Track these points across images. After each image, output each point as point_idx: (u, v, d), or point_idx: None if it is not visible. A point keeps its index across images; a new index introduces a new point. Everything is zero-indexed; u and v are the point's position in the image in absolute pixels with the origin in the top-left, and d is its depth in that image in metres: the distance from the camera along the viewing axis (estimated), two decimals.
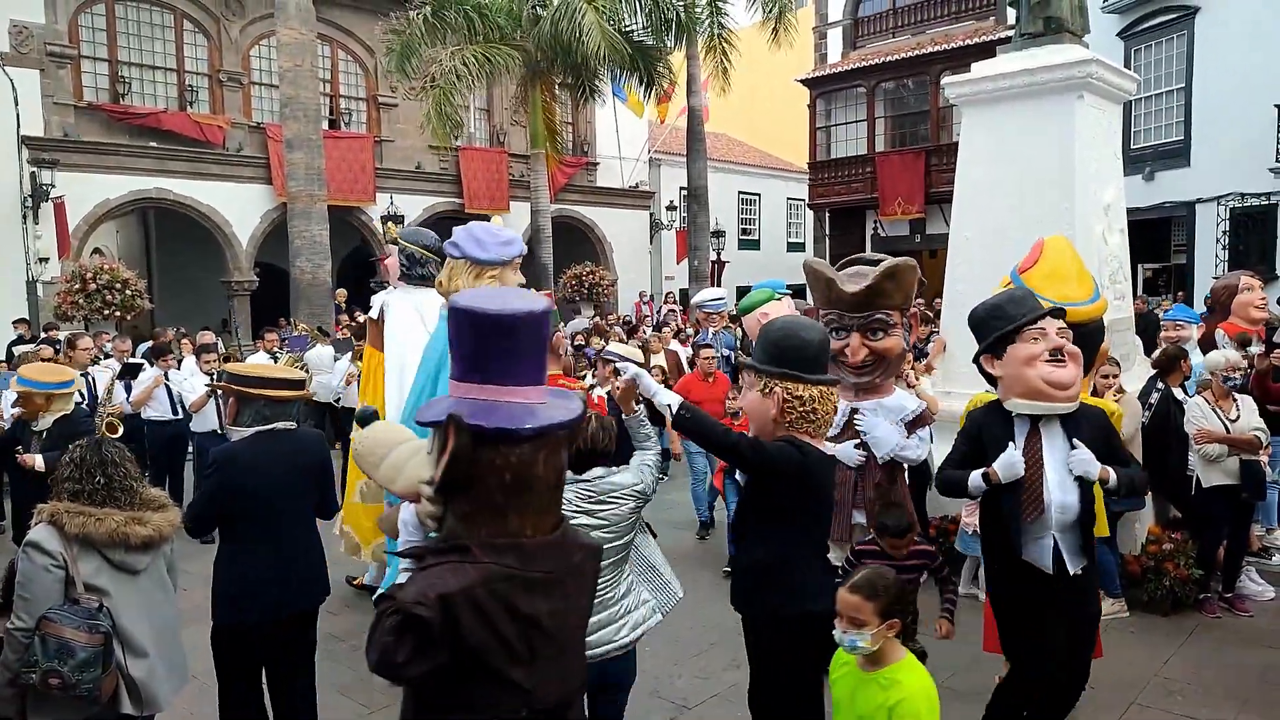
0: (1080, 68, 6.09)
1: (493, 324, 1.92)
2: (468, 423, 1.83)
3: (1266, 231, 15.73)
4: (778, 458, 2.93)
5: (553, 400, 1.99)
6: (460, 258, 4.44)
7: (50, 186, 14.97)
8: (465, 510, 1.88)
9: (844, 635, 2.56)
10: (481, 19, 16.25)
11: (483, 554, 1.83)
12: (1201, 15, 16.26)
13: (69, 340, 8.13)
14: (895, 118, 22.37)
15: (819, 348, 3.09)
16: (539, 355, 1.97)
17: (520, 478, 1.87)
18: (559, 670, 1.94)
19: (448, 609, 1.75)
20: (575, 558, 2.00)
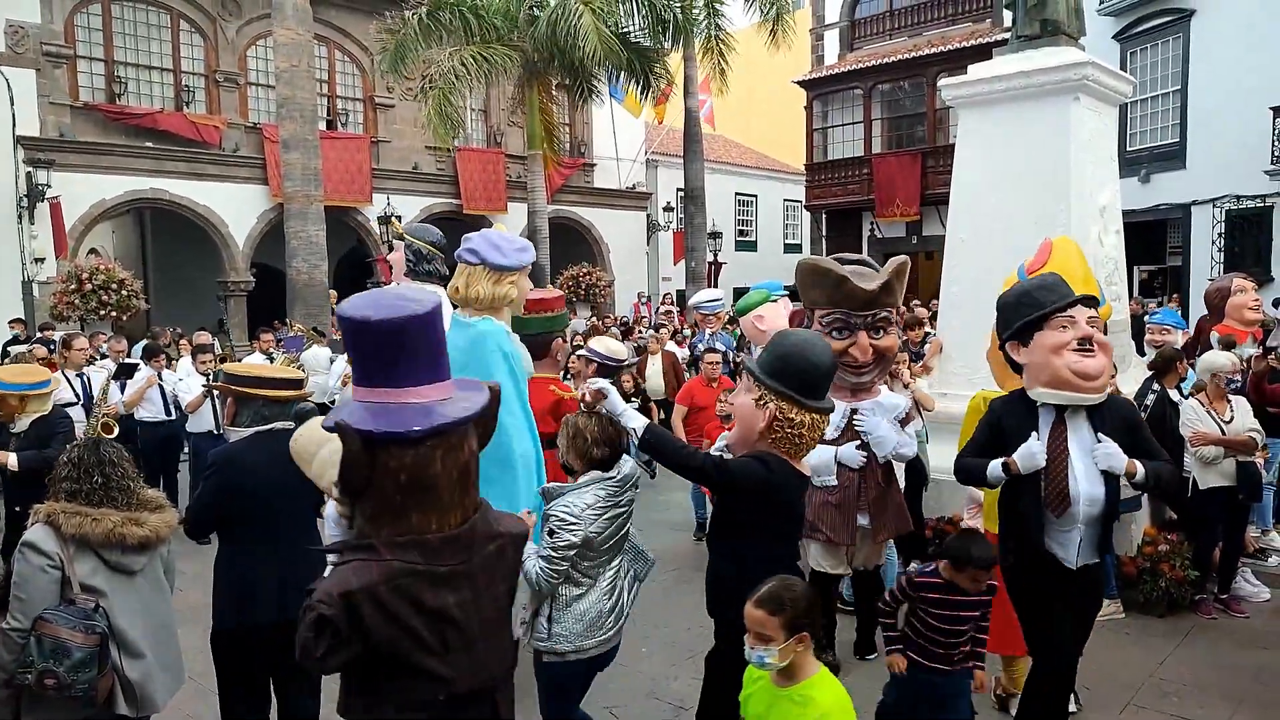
0: (1076, 70, 6.10)
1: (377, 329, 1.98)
2: (355, 428, 1.91)
3: (1262, 233, 15.78)
4: (740, 475, 2.93)
5: (458, 394, 2.05)
6: (479, 264, 4.46)
7: (46, 186, 14.94)
8: (369, 511, 1.97)
9: (751, 651, 2.44)
10: (478, 20, 16.24)
11: (386, 552, 1.92)
12: (1197, 18, 16.31)
13: (64, 340, 8.10)
14: (892, 119, 22.40)
15: (825, 374, 3.03)
16: (431, 354, 2.03)
17: (416, 478, 1.94)
18: (476, 658, 2.03)
19: (350, 606, 1.86)
20: (488, 548, 2.08)
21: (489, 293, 4.41)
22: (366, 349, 2.03)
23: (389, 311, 1.99)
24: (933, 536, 6.05)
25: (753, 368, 3.06)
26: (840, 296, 4.61)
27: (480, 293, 4.42)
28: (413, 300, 2.04)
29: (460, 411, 2.01)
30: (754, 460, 2.94)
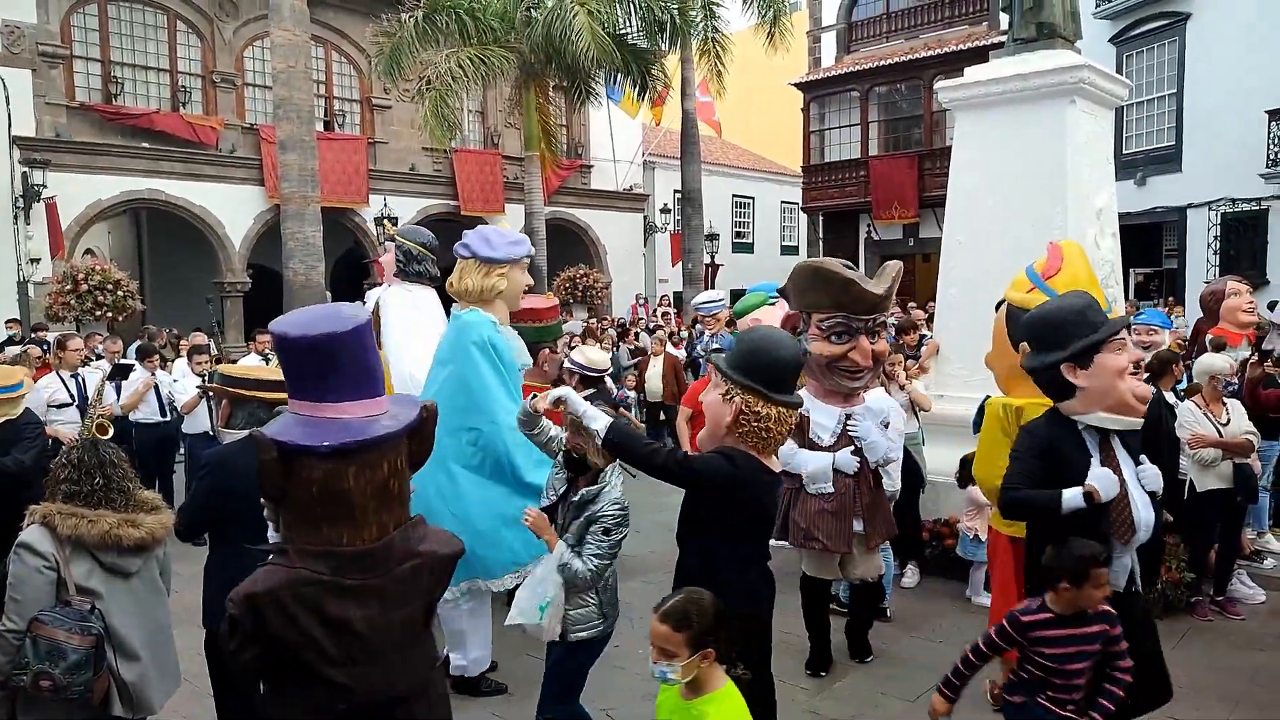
0: (1072, 73, 6.12)
1: (298, 346, 2.06)
2: (271, 438, 1.98)
3: (1257, 236, 15.82)
4: (704, 472, 2.93)
5: (390, 411, 2.11)
6: (469, 257, 4.48)
7: (42, 187, 14.91)
8: (287, 518, 2.05)
9: (654, 666, 2.38)
10: (474, 22, 16.23)
11: (297, 559, 2.00)
12: (1193, 21, 16.36)
13: (59, 341, 8.07)
14: (889, 122, 22.44)
15: (790, 367, 3.05)
16: (356, 371, 2.08)
17: (329, 491, 1.99)
18: (381, 672, 2.06)
19: (253, 608, 1.94)
20: (404, 566, 2.10)
21: (478, 285, 4.45)
22: (292, 364, 2.10)
23: (309, 329, 2.06)
24: (929, 539, 6.06)
25: (719, 362, 3.07)
26: (846, 300, 4.53)
27: (470, 285, 4.46)
28: (338, 318, 2.10)
29: (378, 430, 2.04)
30: (719, 456, 2.94)
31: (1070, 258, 4.22)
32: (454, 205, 20.89)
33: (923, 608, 5.55)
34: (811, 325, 4.64)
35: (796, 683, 4.56)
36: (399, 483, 2.12)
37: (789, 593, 5.77)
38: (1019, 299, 4.16)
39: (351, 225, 19.54)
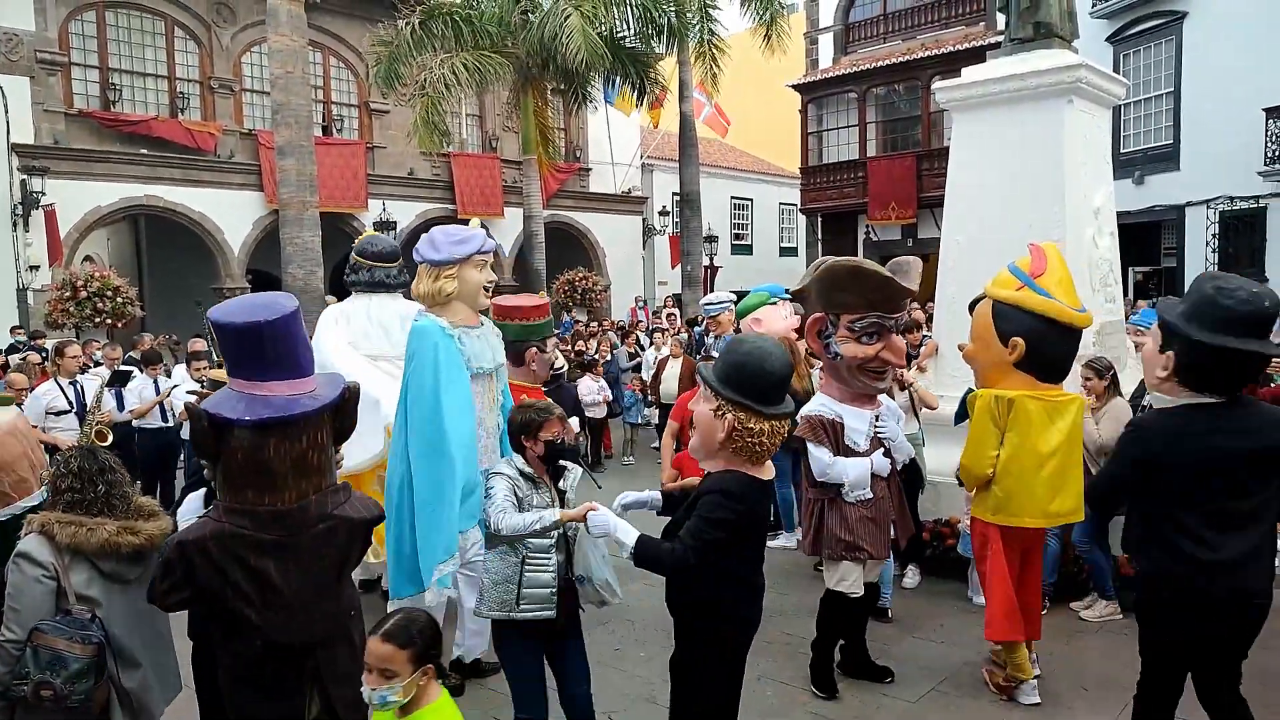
0: (1070, 72, 6.12)
1: (231, 331, 2.38)
2: (203, 409, 2.35)
3: (1255, 234, 15.83)
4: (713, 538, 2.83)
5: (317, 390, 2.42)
6: (421, 262, 4.50)
7: (41, 194, 14.92)
8: (219, 478, 2.41)
9: (372, 692, 2.27)
10: (469, 27, 16.24)
11: (222, 515, 2.37)
12: (1189, 20, 16.37)
13: (57, 348, 8.07)
14: (887, 123, 22.45)
15: (780, 379, 2.96)
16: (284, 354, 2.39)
17: (250, 459, 2.33)
18: (294, 618, 2.39)
19: (184, 554, 2.31)
20: (318, 527, 2.43)
21: (428, 289, 4.47)
22: (229, 346, 2.42)
23: (243, 316, 2.38)
24: (930, 539, 6.05)
25: (708, 377, 2.97)
26: (880, 299, 4.34)
27: (422, 290, 4.49)
28: (269, 307, 2.39)
29: (297, 407, 2.36)
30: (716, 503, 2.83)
31: (1054, 258, 4.33)
32: (453, 209, 20.90)
33: (924, 609, 5.54)
34: (840, 328, 4.38)
35: (797, 685, 4.55)
36: (318, 454, 2.44)
37: (791, 593, 5.78)
38: (1010, 296, 4.25)
39: (350, 230, 19.51)
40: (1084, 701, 4.38)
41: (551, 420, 3.42)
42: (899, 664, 4.65)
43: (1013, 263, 4.41)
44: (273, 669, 2.41)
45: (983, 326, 4.39)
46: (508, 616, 3.37)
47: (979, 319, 4.46)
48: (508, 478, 3.39)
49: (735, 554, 2.94)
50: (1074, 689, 4.49)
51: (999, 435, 4.21)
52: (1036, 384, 4.22)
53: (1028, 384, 4.22)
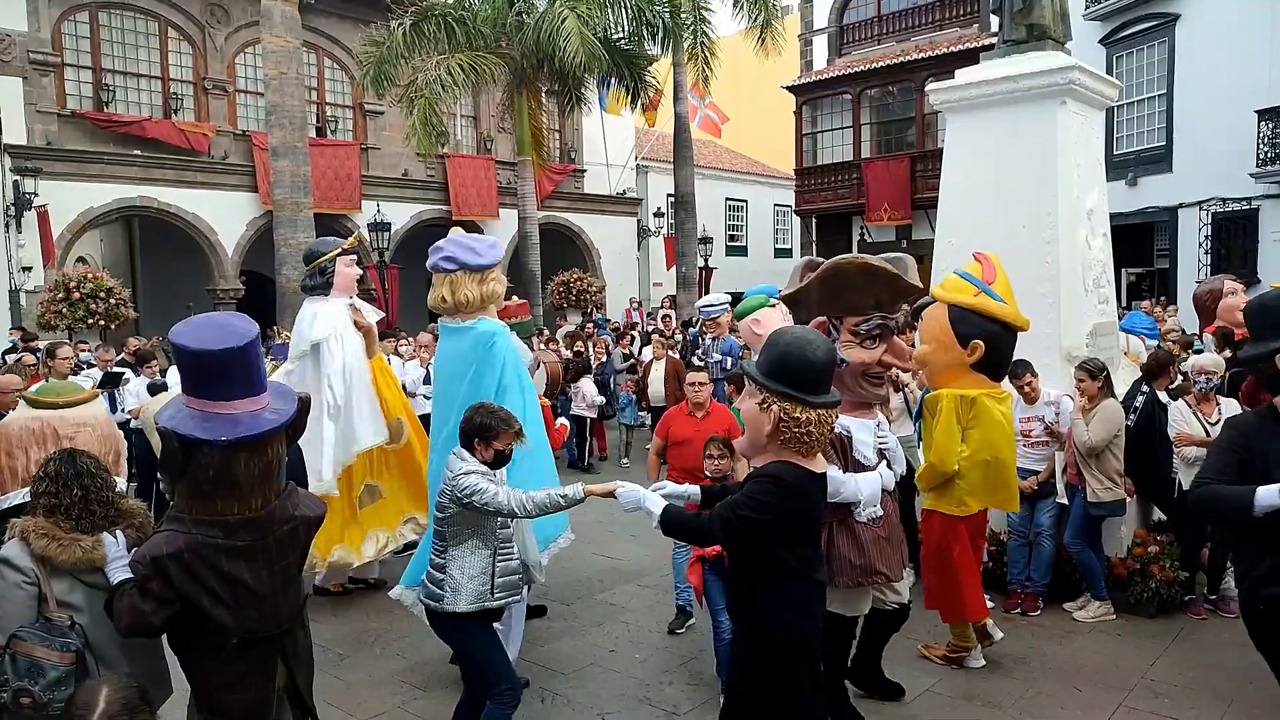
0: (1063, 74, 6.14)
1: (198, 357, 2.51)
2: (176, 431, 2.45)
3: (1248, 235, 15.90)
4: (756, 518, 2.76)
5: (271, 405, 2.58)
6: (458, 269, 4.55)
7: (34, 195, 14.86)
8: (184, 493, 2.53)
9: None
10: (463, 28, 16.23)
11: (193, 527, 2.48)
12: (1181, 23, 16.44)
13: (48, 350, 8.03)
14: (881, 124, 22.48)
15: (825, 367, 2.91)
16: (244, 375, 2.54)
17: (221, 473, 2.47)
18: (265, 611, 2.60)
19: (160, 568, 2.43)
20: (282, 528, 2.62)
21: (477, 294, 4.53)
22: (189, 369, 2.54)
23: (209, 344, 2.51)
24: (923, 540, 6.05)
25: (752, 371, 2.95)
26: (889, 298, 4.12)
27: (470, 295, 4.55)
28: (233, 333, 2.54)
29: (264, 425, 2.52)
30: (764, 486, 2.78)
31: (998, 266, 4.58)
32: (447, 210, 20.87)
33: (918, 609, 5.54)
34: (844, 331, 4.10)
35: None
36: (279, 462, 2.63)
37: None
38: (969, 302, 4.45)
39: (344, 231, 19.47)
40: (1078, 700, 4.39)
41: (509, 433, 3.54)
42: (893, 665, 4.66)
43: (962, 269, 4.57)
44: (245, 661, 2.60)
45: (940, 330, 4.54)
46: (482, 607, 3.48)
47: (935, 323, 4.61)
48: (480, 473, 3.46)
49: (789, 545, 2.84)
50: (1067, 689, 4.51)
51: (960, 433, 4.42)
52: (987, 383, 4.47)
53: (980, 383, 4.46)
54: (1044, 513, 5.54)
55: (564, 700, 4.53)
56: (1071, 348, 6.01)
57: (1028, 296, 5.73)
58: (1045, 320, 5.97)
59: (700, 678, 4.71)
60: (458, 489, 3.41)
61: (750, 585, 2.87)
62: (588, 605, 5.92)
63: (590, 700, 4.53)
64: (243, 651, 2.59)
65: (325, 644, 5.30)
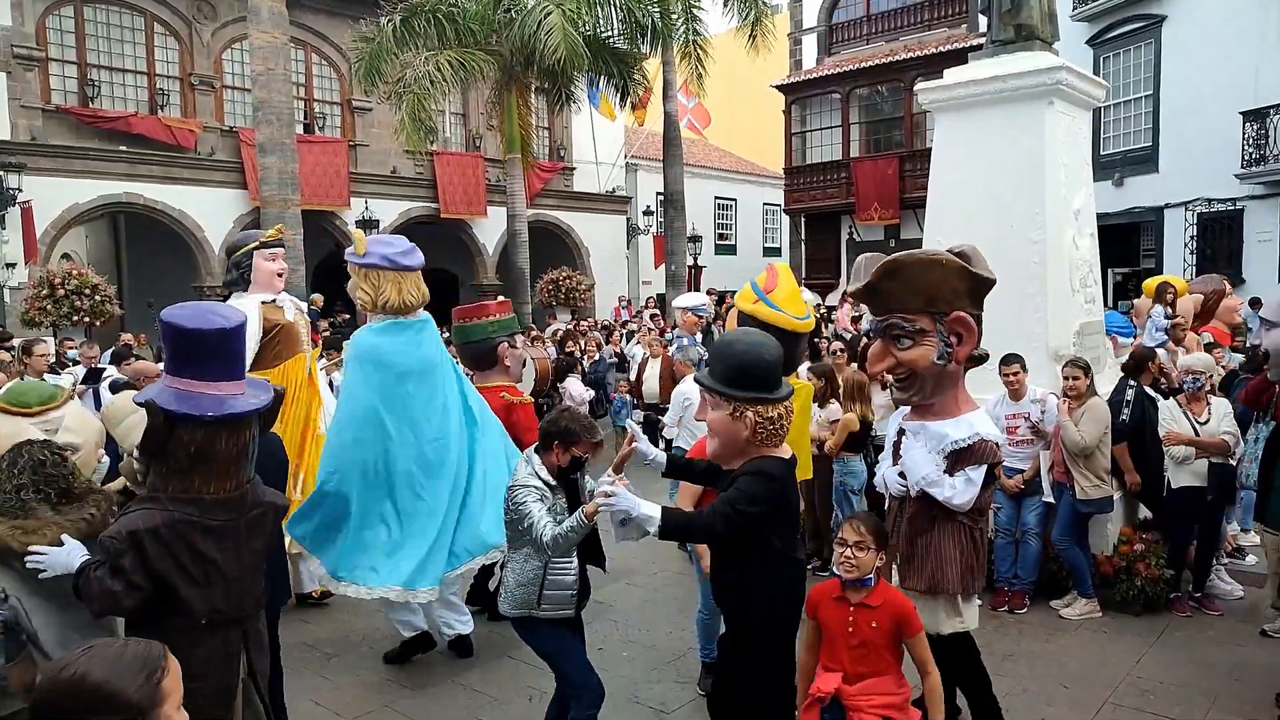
0: (1050, 74, 6.17)
1: (189, 335, 2.60)
2: (161, 407, 2.51)
3: (1233, 236, 16.02)
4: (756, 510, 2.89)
5: (250, 391, 2.68)
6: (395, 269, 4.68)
7: (17, 191, 14.72)
8: (161, 470, 2.58)
9: None
10: (452, 25, 16.19)
11: (169, 504, 2.53)
12: (1168, 24, 16.55)
13: (24, 347, 7.88)
14: (870, 123, 22.56)
15: (778, 362, 3.10)
16: (229, 358, 2.66)
17: (201, 450, 2.55)
18: (231, 593, 2.64)
19: (136, 542, 2.44)
20: (253, 512, 2.71)
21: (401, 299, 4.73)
22: (180, 348, 2.63)
23: (203, 323, 2.62)
24: None
25: (714, 385, 3.01)
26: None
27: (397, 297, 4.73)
28: (223, 316, 2.66)
29: (245, 405, 2.62)
30: (756, 481, 2.91)
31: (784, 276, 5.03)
32: (436, 208, 20.82)
33: None
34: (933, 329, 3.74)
35: None
36: (253, 447, 2.71)
37: None
38: (750, 309, 4.88)
39: (332, 228, 19.42)
40: (1065, 697, 4.41)
41: (589, 442, 3.49)
42: None
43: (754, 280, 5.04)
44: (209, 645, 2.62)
45: None
46: (528, 614, 3.48)
47: (729, 326, 5.28)
48: (536, 490, 3.39)
49: (777, 531, 3.02)
50: (1054, 685, 4.53)
51: None
52: None
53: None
54: (1030, 511, 5.58)
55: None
56: (1058, 347, 6.04)
57: (1015, 296, 5.77)
58: (1032, 319, 6.01)
59: (688, 676, 4.71)
60: (511, 499, 3.40)
61: (741, 571, 2.99)
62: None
63: None
64: (207, 635, 2.60)
65: (313, 643, 5.28)
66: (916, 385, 3.71)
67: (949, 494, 3.59)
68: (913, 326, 3.63)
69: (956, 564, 3.59)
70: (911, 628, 3.13)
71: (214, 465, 2.57)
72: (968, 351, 3.64)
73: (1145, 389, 5.84)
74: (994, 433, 3.71)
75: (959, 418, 3.69)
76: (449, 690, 4.63)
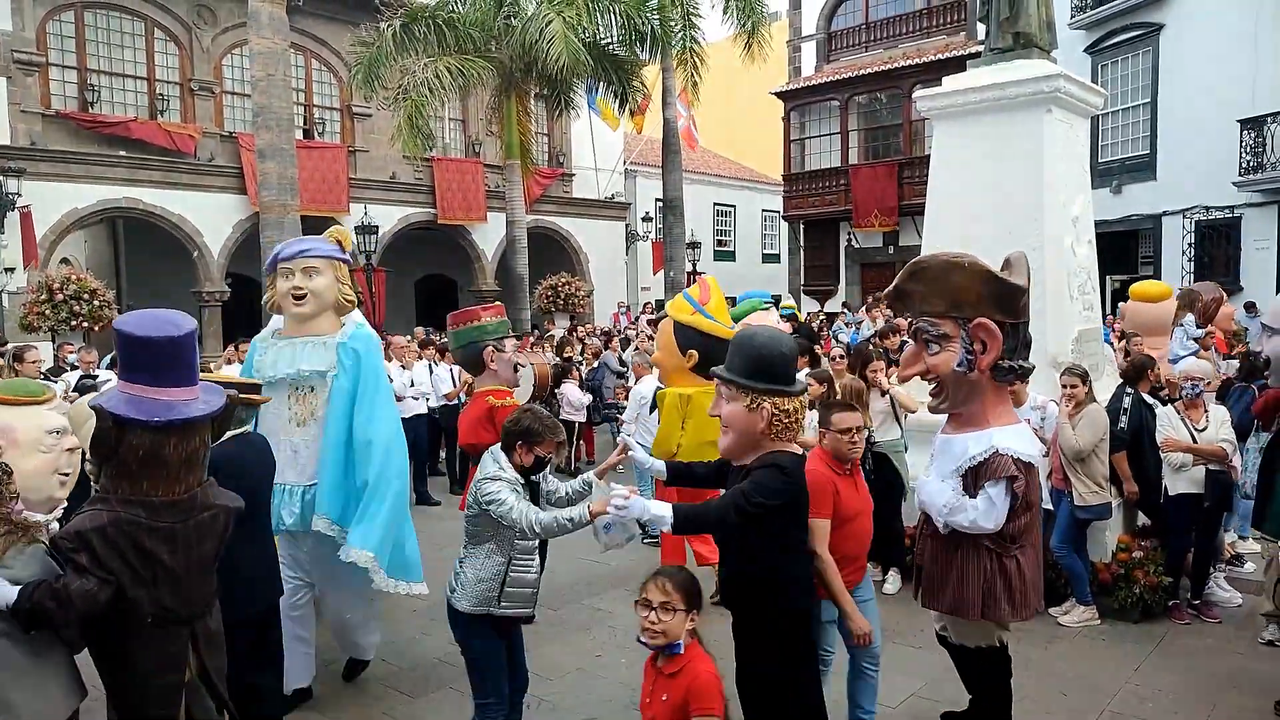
0: (1048, 82, 6.19)
1: (139, 342, 2.67)
2: (110, 410, 2.58)
3: (1230, 243, 16.05)
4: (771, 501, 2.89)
5: (202, 397, 2.74)
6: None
7: (17, 195, 14.71)
8: (112, 473, 2.64)
9: None
10: (452, 31, 16.22)
11: (117, 505, 2.59)
12: (1166, 32, 16.60)
13: (15, 354, 7.84)
14: (868, 130, 22.61)
15: (794, 357, 3.17)
16: (179, 365, 2.71)
17: (150, 454, 2.60)
18: (181, 593, 2.70)
19: (86, 542, 2.51)
20: (203, 514, 2.77)
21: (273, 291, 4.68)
22: (131, 355, 2.69)
23: (153, 330, 2.68)
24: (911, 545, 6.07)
25: (731, 377, 3.05)
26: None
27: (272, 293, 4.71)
28: (175, 324, 2.72)
29: (194, 411, 2.67)
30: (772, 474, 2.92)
31: (714, 289, 5.73)
32: (434, 214, 20.83)
33: (904, 614, 5.55)
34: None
35: None
36: (204, 452, 2.78)
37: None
38: (686, 320, 5.58)
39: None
40: (1063, 705, 4.41)
41: (552, 441, 3.51)
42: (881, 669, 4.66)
43: (686, 291, 5.66)
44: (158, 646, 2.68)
45: (668, 340, 5.76)
46: (486, 612, 3.47)
47: (664, 335, 5.83)
48: (508, 481, 3.40)
49: (796, 525, 3.09)
50: (1053, 693, 4.52)
51: (681, 421, 5.57)
52: (703, 382, 5.23)
53: (696, 382, 5.49)
54: None
55: (550, 706, 4.51)
56: (1057, 353, 6.05)
57: None
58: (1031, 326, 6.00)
59: None
60: (480, 492, 3.39)
61: (762, 566, 3.02)
62: (574, 610, 5.90)
63: (577, 706, 4.52)
64: (156, 633, 2.65)
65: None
66: (945, 393, 3.61)
67: (973, 517, 3.40)
68: (937, 331, 3.51)
69: (977, 589, 3.43)
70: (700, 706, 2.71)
71: (163, 469, 2.63)
72: (991, 360, 3.44)
73: (1143, 396, 5.85)
74: (1022, 449, 3.45)
75: (983, 431, 3.51)
76: (447, 696, 4.62)
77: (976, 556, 3.46)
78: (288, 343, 4.50)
